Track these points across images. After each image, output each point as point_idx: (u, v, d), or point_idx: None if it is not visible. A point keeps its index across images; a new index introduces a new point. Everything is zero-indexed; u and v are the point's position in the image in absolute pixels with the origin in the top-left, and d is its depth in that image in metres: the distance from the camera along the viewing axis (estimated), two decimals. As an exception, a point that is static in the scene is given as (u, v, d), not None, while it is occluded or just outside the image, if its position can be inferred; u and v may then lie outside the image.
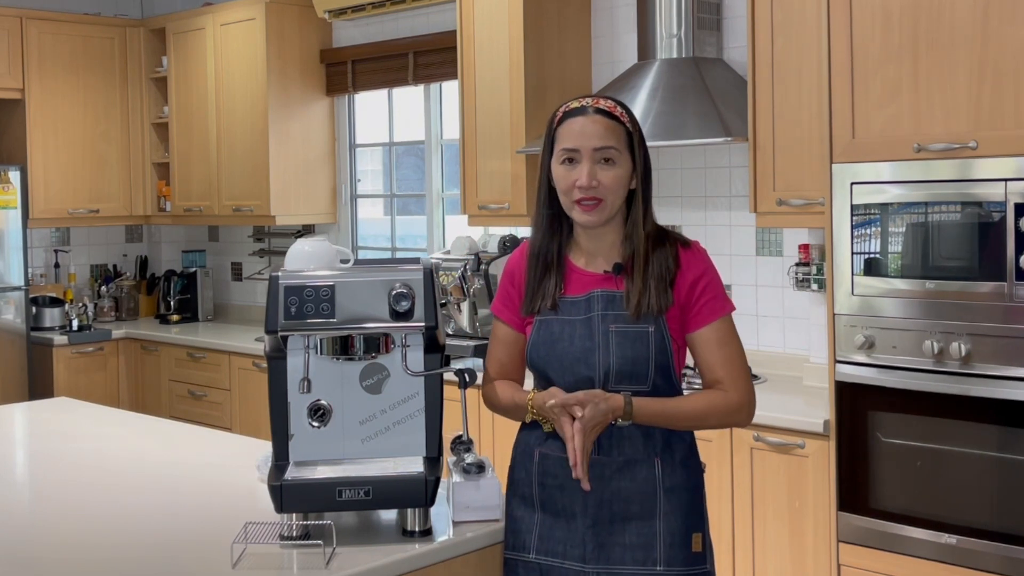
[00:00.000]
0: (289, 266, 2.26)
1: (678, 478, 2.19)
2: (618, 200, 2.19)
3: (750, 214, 3.94)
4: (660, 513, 2.16)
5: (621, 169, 2.17)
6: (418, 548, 2.13)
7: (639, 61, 4.25)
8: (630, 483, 2.16)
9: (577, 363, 2.18)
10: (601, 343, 2.16)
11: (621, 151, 2.17)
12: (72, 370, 5.91)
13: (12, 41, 5.94)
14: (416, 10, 5.40)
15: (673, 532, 2.16)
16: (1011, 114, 2.95)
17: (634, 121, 2.22)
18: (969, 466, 3.08)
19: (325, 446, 2.22)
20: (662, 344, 2.16)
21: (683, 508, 2.18)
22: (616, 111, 2.19)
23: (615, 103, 2.21)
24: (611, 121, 2.17)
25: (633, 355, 2.15)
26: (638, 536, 2.15)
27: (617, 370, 2.15)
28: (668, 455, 2.18)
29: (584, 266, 2.24)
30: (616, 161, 2.16)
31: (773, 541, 3.50)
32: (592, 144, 2.15)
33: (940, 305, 3.10)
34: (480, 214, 4.70)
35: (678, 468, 2.19)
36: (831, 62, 3.29)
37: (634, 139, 2.19)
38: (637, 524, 2.16)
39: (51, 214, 6.12)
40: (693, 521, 2.19)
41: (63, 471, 2.85)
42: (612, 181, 2.16)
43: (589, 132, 2.16)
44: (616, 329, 2.16)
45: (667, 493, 2.17)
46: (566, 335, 2.20)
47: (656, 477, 2.16)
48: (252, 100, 5.76)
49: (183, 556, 2.15)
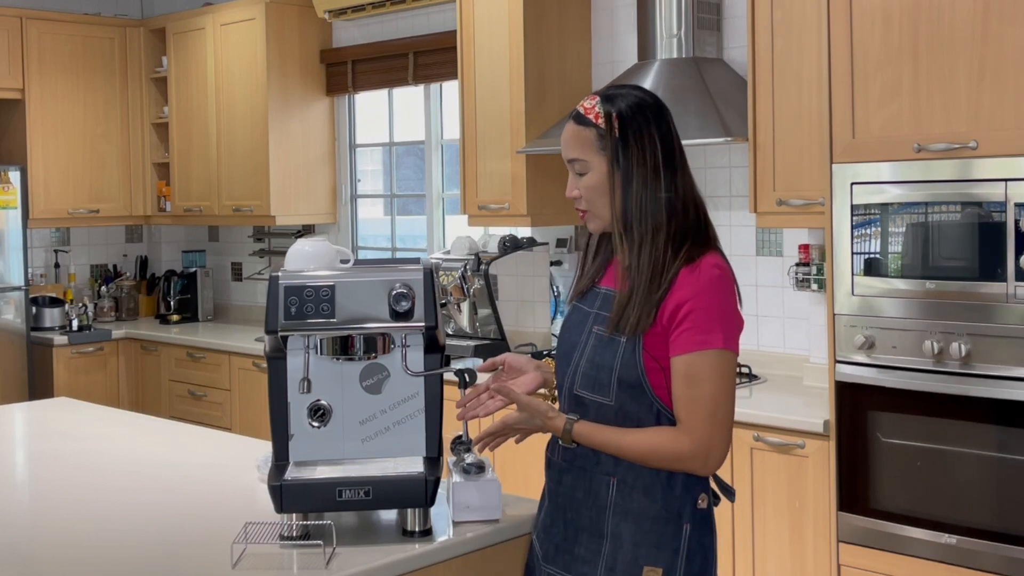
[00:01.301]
0: (289, 266, 2.26)
1: (637, 504, 2.02)
2: (604, 205, 2.05)
3: (750, 214, 3.95)
4: (608, 534, 2.04)
5: (595, 175, 2.05)
6: (418, 548, 2.13)
7: (639, 61, 4.25)
8: (584, 495, 2.08)
9: (563, 357, 2.14)
10: (583, 342, 2.09)
11: (589, 158, 2.05)
12: (72, 370, 5.91)
13: (12, 41, 5.94)
14: (416, 10, 5.40)
15: (616, 557, 2.02)
16: (1011, 114, 2.95)
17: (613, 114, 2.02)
18: (969, 466, 3.08)
19: (325, 446, 2.22)
20: (631, 359, 2.00)
21: (638, 536, 2.02)
22: (591, 112, 2.05)
23: (599, 100, 2.06)
24: (580, 127, 2.06)
25: (599, 362, 2.04)
26: (586, 550, 2.06)
27: (583, 373, 2.07)
28: (632, 478, 2.02)
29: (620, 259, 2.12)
30: (587, 169, 2.06)
31: (773, 541, 3.50)
32: (566, 156, 2.10)
33: (940, 305, 3.10)
34: (480, 214, 4.70)
35: (637, 494, 2.02)
36: (831, 62, 3.29)
37: (609, 137, 2.02)
38: (587, 537, 2.07)
39: (51, 214, 6.12)
40: (652, 555, 2.00)
41: (63, 471, 2.85)
42: (587, 190, 2.07)
43: (565, 141, 2.10)
44: (596, 331, 2.07)
45: (619, 516, 2.03)
46: (571, 325, 2.16)
47: (609, 496, 2.04)
48: (252, 100, 5.76)
49: (183, 556, 2.15)
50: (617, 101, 2.05)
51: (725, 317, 1.99)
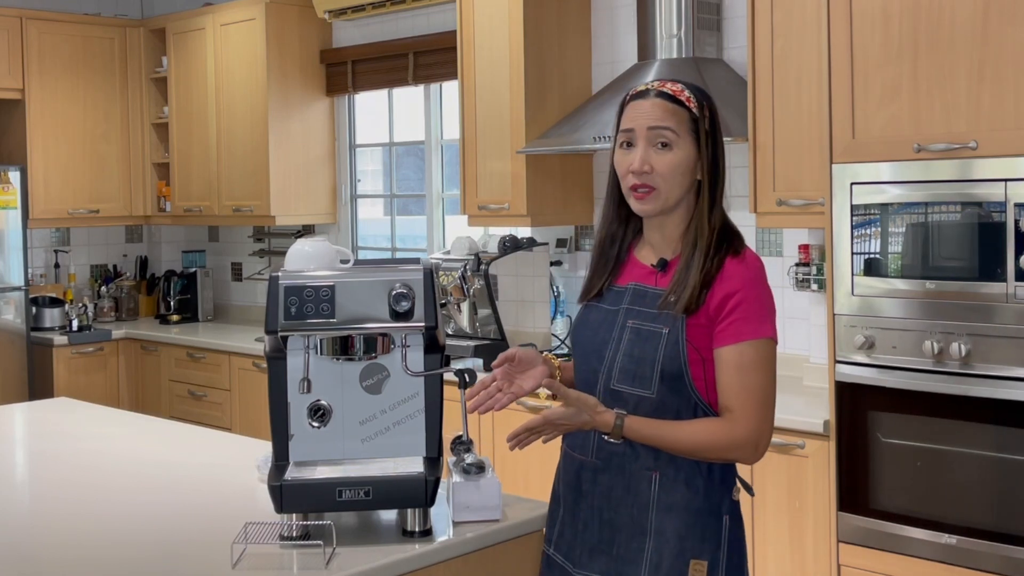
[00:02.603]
0: (289, 266, 2.26)
1: (679, 497, 2.01)
2: (675, 189, 2.03)
3: (750, 214, 3.94)
4: (651, 531, 2.01)
5: (680, 154, 2.01)
6: (418, 548, 2.13)
7: (639, 61, 4.25)
8: (623, 493, 2.04)
9: (592, 354, 2.11)
10: (616, 338, 2.07)
11: (680, 135, 2.01)
12: (72, 370, 5.91)
13: (12, 41, 5.94)
14: (416, 10, 5.40)
15: (661, 553, 2.00)
16: (1011, 114, 2.95)
17: (704, 106, 2.05)
18: (969, 466, 3.08)
19: (325, 446, 2.22)
20: (674, 350, 1.99)
21: (682, 530, 2.01)
22: (682, 95, 2.03)
23: (684, 86, 2.06)
24: (672, 104, 2.02)
25: (640, 355, 2.02)
26: (626, 548, 2.03)
27: (621, 367, 2.04)
28: (672, 471, 2.02)
29: (641, 257, 2.14)
30: (673, 145, 2.01)
31: (773, 541, 3.50)
32: (646, 123, 2.01)
33: (940, 305, 3.10)
34: (480, 214, 4.70)
35: (681, 487, 2.02)
36: (831, 62, 3.29)
37: (700, 124, 2.03)
38: (626, 536, 2.03)
39: (51, 214, 6.12)
40: (697, 548, 2.00)
41: (63, 471, 2.85)
42: (667, 167, 2.00)
43: (646, 112, 2.02)
44: (632, 325, 2.05)
45: (663, 511, 2.01)
46: (594, 323, 2.13)
47: (652, 492, 2.02)
48: (252, 100, 5.76)
49: (183, 556, 2.15)
50: (704, 92, 2.09)
51: (771, 308, 2.05)
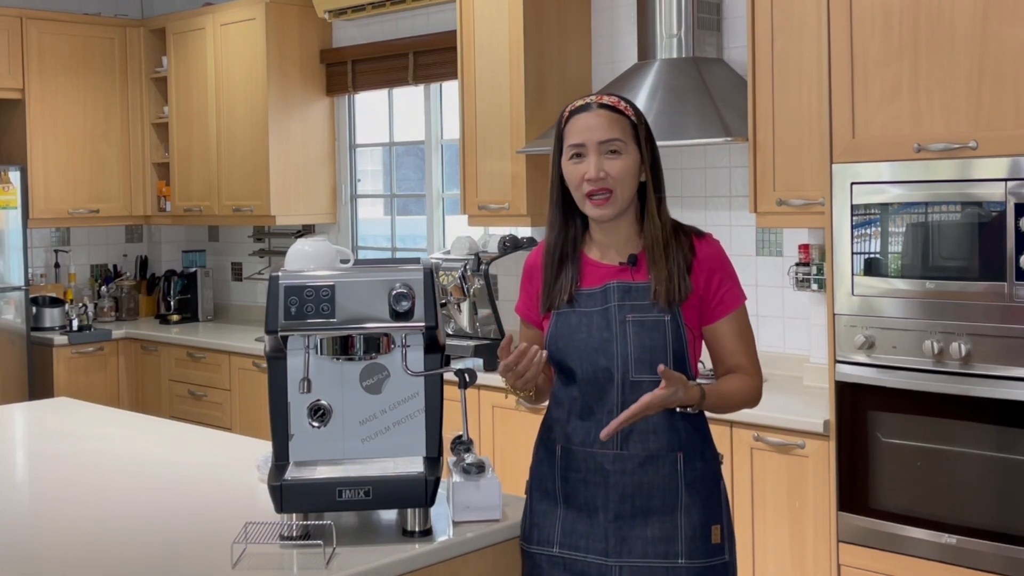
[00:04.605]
0: (289, 266, 2.26)
1: (698, 471, 2.20)
2: (628, 191, 2.21)
3: (750, 214, 3.95)
4: (681, 507, 2.18)
5: (628, 159, 2.20)
6: (418, 548, 2.13)
7: (639, 61, 4.25)
8: (653, 477, 2.18)
9: (595, 353, 2.19)
10: (618, 333, 2.18)
11: (627, 142, 2.20)
12: (72, 370, 5.91)
13: (12, 41, 5.94)
14: (416, 10, 5.40)
15: (694, 525, 2.18)
16: (1011, 114, 2.95)
17: (639, 114, 2.25)
18: (969, 466, 3.08)
19: (325, 446, 2.22)
20: (678, 333, 2.18)
21: (703, 501, 2.20)
22: (620, 105, 2.23)
23: (619, 98, 2.25)
24: (614, 114, 2.21)
25: (651, 344, 2.17)
26: (660, 530, 2.17)
27: (636, 359, 2.17)
28: (690, 448, 2.20)
29: (599, 259, 2.27)
30: (622, 152, 2.19)
31: (773, 541, 3.50)
32: (597, 137, 2.19)
33: (940, 305, 3.10)
34: (480, 214, 4.70)
35: (698, 461, 2.21)
36: (831, 62, 3.29)
37: (639, 131, 2.22)
38: (659, 518, 2.17)
39: (51, 214, 6.12)
40: (712, 513, 2.21)
41: (63, 471, 2.85)
42: (619, 171, 2.18)
43: (594, 126, 2.20)
44: (633, 319, 2.18)
45: (688, 487, 2.18)
46: (583, 326, 2.22)
47: (678, 471, 2.18)
48: (252, 100, 5.76)
49: (183, 556, 2.15)
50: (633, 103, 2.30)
51: (736, 275, 2.32)
